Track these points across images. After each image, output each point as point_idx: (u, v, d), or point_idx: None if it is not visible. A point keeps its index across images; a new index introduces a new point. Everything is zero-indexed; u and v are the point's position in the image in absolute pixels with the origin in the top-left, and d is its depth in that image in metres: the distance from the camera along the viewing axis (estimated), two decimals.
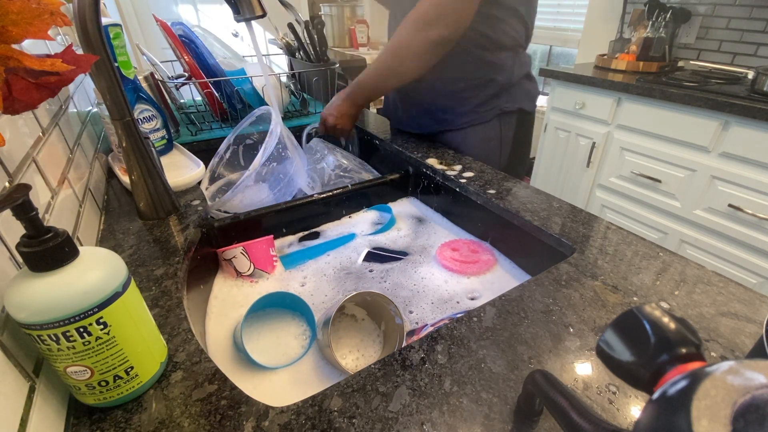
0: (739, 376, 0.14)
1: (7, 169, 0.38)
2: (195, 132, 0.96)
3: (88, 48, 0.48)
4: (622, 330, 0.20)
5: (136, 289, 0.34)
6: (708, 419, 0.13)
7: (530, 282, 0.47)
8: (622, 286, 0.46)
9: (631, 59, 1.67)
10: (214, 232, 0.64)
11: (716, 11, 1.64)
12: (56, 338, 0.28)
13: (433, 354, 0.37)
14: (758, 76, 1.28)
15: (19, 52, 0.29)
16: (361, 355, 0.49)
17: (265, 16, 0.65)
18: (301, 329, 0.51)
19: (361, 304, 0.53)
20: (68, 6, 0.46)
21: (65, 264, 0.29)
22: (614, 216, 1.67)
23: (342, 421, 0.31)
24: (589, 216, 0.59)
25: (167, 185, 0.62)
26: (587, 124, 1.65)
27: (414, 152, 0.84)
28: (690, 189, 1.38)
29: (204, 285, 0.57)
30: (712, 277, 0.47)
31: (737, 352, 0.37)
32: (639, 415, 0.16)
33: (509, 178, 0.72)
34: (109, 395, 0.32)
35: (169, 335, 0.40)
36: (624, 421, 0.32)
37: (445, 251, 0.66)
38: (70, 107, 0.70)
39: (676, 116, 1.36)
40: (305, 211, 0.74)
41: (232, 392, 0.34)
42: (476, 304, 0.56)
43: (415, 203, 0.85)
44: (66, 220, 0.48)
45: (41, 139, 0.49)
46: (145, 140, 0.58)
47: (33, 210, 0.27)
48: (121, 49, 0.74)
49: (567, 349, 0.38)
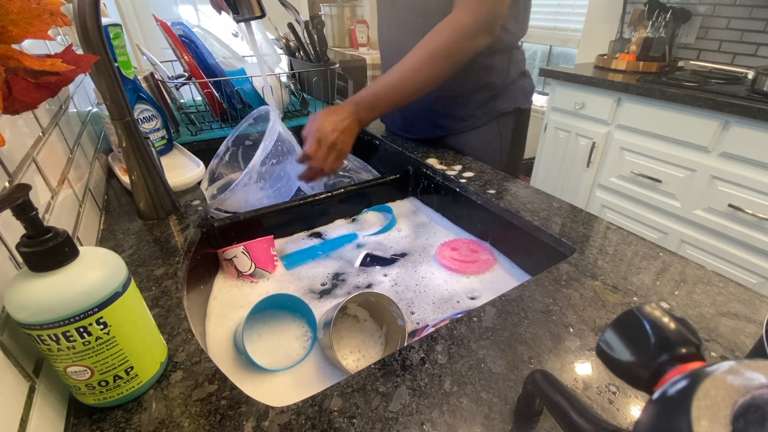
0: (739, 376, 0.14)
1: (7, 169, 0.38)
2: (195, 132, 0.96)
3: (88, 48, 0.48)
4: (622, 330, 0.20)
5: (136, 289, 0.34)
6: (708, 419, 0.13)
7: (530, 282, 0.47)
8: (622, 286, 0.46)
9: (631, 59, 1.67)
10: (214, 232, 0.64)
11: (716, 11, 1.64)
12: (56, 338, 0.28)
13: (433, 354, 0.37)
14: (758, 76, 1.28)
15: (19, 52, 0.29)
16: (362, 355, 0.49)
17: (264, 16, 0.65)
18: (302, 330, 0.51)
19: (363, 304, 0.53)
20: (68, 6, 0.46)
21: (65, 264, 0.29)
22: (614, 216, 1.67)
23: (342, 421, 0.31)
24: (589, 216, 0.59)
25: (167, 185, 0.62)
26: (587, 124, 1.65)
27: (414, 152, 0.84)
28: (690, 189, 1.38)
29: (204, 285, 0.57)
30: (712, 277, 0.47)
31: (737, 352, 0.37)
32: (639, 415, 0.16)
33: (509, 178, 0.72)
34: (109, 395, 0.32)
35: (169, 335, 0.40)
36: (624, 421, 0.32)
37: (444, 251, 0.66)
38: (70, 107, 0.70)
39: (676, 116, 1.36)
40: (305, 212, 0.74)
41: (232, 392, 0.34)
42: (477, 303, 0.56)
43: (415, 203, 0.85)
44: (66, 220, 0.48)
45: (41, 139, 0.49)
46: (145, 140, 0.58)
47: (33, 210, 0.27)
48: (121, 49, 0.74)
49: (567, 349, 0.38)
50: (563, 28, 2.39)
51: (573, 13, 2.31)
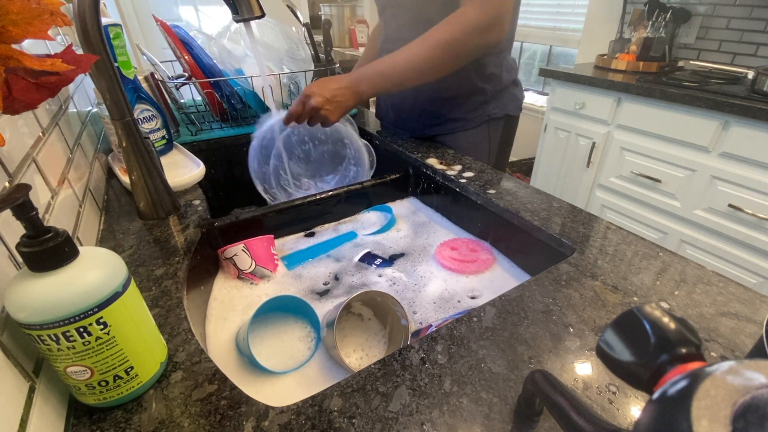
0: (739, 376, 0.14)
1: (7, 169, 0.38)
2: (195, 132, 0.96)
3: (88, 48, 0.48)
4: (622, 330, 0.20)
5: (136, 289, 0.34)
6: (708, 419, 0.13)
7: (530, 282, 0.47)
8: (622, 286, 0.46)
9: (631, 59, 1.67)
10: (214, 232, 0.64)
11: (716, 11, 1.64)
12: (56, 338, 0.28)
13: (433, 354, 0.37)
14: (758, 76, 1.28)
15: (19, 52, 0.29)
16: (365, 354, 0.49)
17: (264, 16, 0.65)
18: (305, 331, 0.51)
19: (368, 303, 0.53)
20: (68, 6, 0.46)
21: (65, 264, 0.29)
22: (614, 216, 1.67)
23: (342, 421, 0.31)
24: (589, 216, 0.59)
25: (167, 185, 0.62)
26: (587, 124, 1.65)
27: (414, 152, 0.84)
28: (690, 189, 1.38)
29: (204, 286, 0.57)
30: (712, 277, 0.47)
31: (737, 352, 0.37)
32: (639, 415, 0.16)
33: (509, 178, 0.72)
34: (109, 395, 0.32)
35: (169, 335, 0.40)
36: (624, 421, 0.32)
37: (444, 250, 0.66)
38: (70, 107, 0.70)
39: (676, 116, 1.36)
40: (305, 212, 0.74)
41: (232, 392, 0.34)
42: (477, 303, 0.56)
43: (415, 203, 0.85)
44: (66, 220, 0.48)
45: (41, 139, 0.49)
46: (145, 140, 0.58)
47: (33, 210, 0.27)
48: (122, 49, 0.74)
49: (567, 349, 0.38)
50: (563, 28, 2.39)
51: (573, 13, 2.31)
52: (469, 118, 0.89)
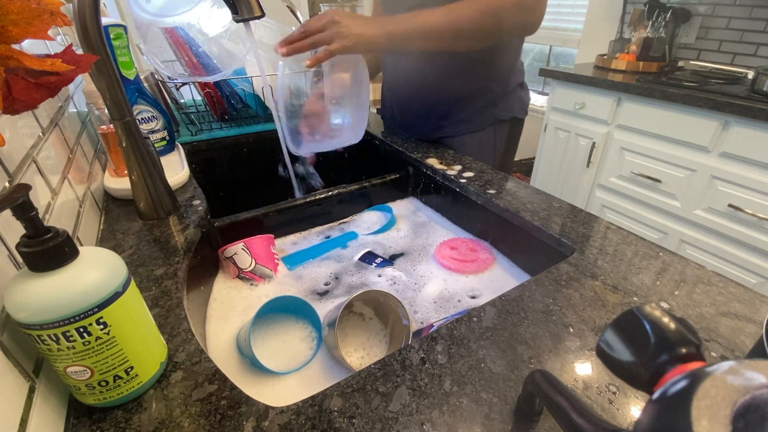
0: (739, 376, 0.14)
1: (7, 169, 0.38)
2: (195, 132, 0.96)
3: (88, 48, 0.48)
4: (622, 330, 0.20)
5: (136, 289, 0.34)
6: (708, 419, 0.13)
7: (530, 282, 0.47)
8: (622, 286, 0.46)
9: (631, 59, 1.67)
10: (214, 232, 0.64)
11: (716, 11, 1.64)
12: (56, 338, 0.28)
13: (433, 354, 0.37)
14: (758, 76, 1.28)
15: (19, 52, 0.29)
16: (366, 353, 0.49)
17: (264, 16, 0.65)
18: (307, 331, 0.50)
19: (369, 303, 0.53)
20: (68, 6, 0.46)
21: (65, 264, 0.28)
22: (614, 216, 1.67)
23: (342, 421, 0.31)
24: (589, 216, 0.59)
25: (167, 185, 0.62)
26: (587, 124, 1.65)
27: (414, 152, 0.84)
28: (690, 189, 1.38)
29: (204, 286, 0.57)
30: (712, 277, 0.47)
31: (737, 352, 0.37)
32: (639, 415, 0.16)
33: (509, 178, 0.72)
34: (109, 395, 0.32)
35: (169, 335, 0.40)
36: (624, 421, 0.32)
37: (443, 250, 0.66)
38: (70, 107, 0.70)
39: (676, 116, 1.36)
40: (305, 211, 0.74)
41: (232, 392, 0.34)
42: (477, 302, 0.56)
43: (415, 203, 0.85)
44: (66, 220, 0.48)
45: (41, 139, 0.49)
46: (145, 140, 0.58)
47: (33, 210, 0.27)
48: (123, 50, 0.74)
49: (567, 349, 0.38)
50: (563, 28, 2.39)
51: (573, 13, 2.31)
52: (476, 120, 0.88)
